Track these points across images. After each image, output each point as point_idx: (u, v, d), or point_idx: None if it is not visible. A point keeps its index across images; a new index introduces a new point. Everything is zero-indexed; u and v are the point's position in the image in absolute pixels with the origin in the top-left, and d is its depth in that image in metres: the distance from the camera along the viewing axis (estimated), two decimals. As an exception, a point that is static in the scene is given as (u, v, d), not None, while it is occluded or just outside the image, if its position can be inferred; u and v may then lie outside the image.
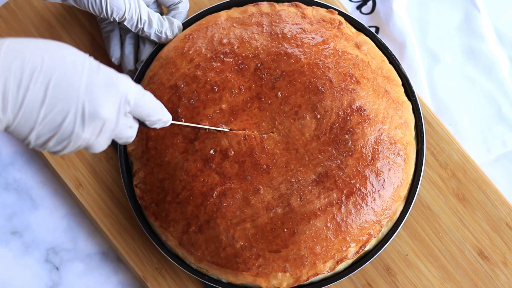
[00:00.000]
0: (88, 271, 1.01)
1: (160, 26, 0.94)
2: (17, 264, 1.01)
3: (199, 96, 0.91)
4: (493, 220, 0.96)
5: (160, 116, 0.77)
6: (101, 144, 0.71)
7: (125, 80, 0.70)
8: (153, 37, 0.94)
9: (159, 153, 0.91)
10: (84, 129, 0.67)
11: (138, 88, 0.72)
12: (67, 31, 1.02)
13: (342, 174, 0.88)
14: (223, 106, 0.90)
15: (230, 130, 0.90)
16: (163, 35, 0.94)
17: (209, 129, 0.90)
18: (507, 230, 0.95)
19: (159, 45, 0.97)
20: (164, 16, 0.95)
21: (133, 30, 0.93)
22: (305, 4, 0.96)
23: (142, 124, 0.77)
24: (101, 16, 0.90)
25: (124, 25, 0.92)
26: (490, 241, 0.95)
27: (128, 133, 0.73)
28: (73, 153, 0.71)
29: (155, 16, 0.93)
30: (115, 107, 0.69)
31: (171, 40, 0.96)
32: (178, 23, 0.95)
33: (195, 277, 0.96)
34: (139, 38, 0.97)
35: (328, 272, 0.89)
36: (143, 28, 0.92)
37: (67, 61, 0.67)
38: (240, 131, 0.90)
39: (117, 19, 0.90)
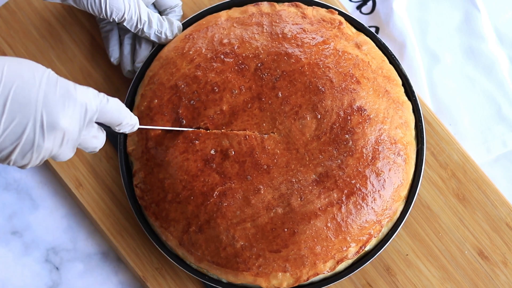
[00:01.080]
0: (88, 271, 1.01)
1: (160, 27, 0.94)
2: (17, 264, 1.01)
3: (199, 97, 0.91)
4: (493, 220, 0.96)
5: (127, 120, 0.79)
6: (66, 154, 0.74)
7: (84, 91, 0.72)
8: (152, 38, 0.94)
9: (159, 153, 0.91)
10: (44, 140, 0.70)
11: (100, 96, 0.74)
12: (67, 31, 1.02)
13: (343, 174, 0.88)
14: (224, 107, 0.90)
15: (197, 128, 0.90)
16: (163, 36, 0.94)
17: (175, 130, 0.91)
18: (507, 230, 0.96)
19: (159, 45, 0.97)
20: (163, 16, 0.95)
21: (132, 30, 0.92)
22: (305, 4, 0.96)
23: (111, 131, 0.80)
24: (101, 17, 0.90)
25: (124, 25, 0.92)
26: (490, 241, 0.95)
27: (93, 143, 0.76)
28: (39, 164, 0.74)
29: (155, 16, 0.93)
30: (75, 117, 0.71)
31: (171, 40, 0.95)
32: (178, 23, 0.95)
33: (195, 277, 0.96)
34: (137, 39, 0.97)
35: (328, 272, 0.89)
36: (142, 28, 0.92)
37: (25, 74, 0.69)
38: (241, 131, 0.90)
39: (116, 20, 0.90)
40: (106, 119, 0.76)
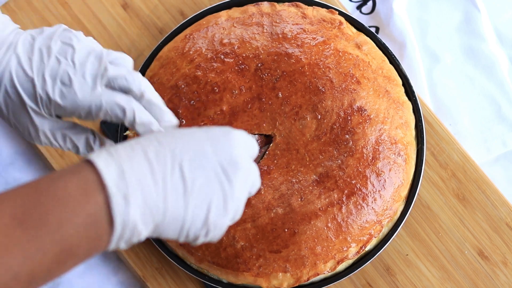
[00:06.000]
0: (88, 271, 1.01)
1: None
2: (17, 264, 1.01)
3: (199, 97, 0.91)
4: (493, 220, 0.96)
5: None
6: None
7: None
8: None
9: (159, 153, 0.91)
10: (234, 185, 0.64)
11: None
12: (67, 31, 1.02)
13: (343, 174, 0.88)
14: (224, 108, 0.90)
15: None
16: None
17: None
18: (507, 230, 0.96)
19: (159, 45, 0.97)
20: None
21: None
22: (305, 4, 0.96)
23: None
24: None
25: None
26: (490, 241, 0.95)
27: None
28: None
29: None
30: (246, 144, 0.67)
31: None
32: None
33: (195, 277, 0.96)
34: None
35: (329, 272, 0.89)
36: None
37: None
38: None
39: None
40: None
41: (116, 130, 0.95)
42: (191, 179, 0.61)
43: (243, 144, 0.65)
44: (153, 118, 0.73)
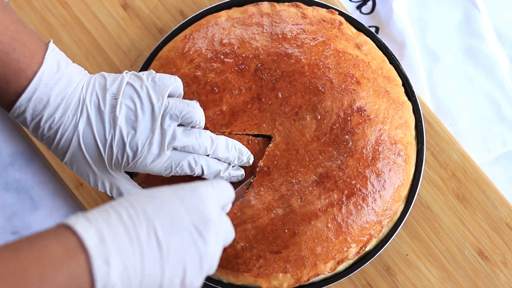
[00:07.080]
0: (88, 271, 1.01)
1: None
2: (17, 264, 1.01)
3: (199, 97, 0.91)
4: (493, 220, 0.96)
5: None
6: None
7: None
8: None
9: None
10: (207, 243, 0.66)
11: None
12: (67, 31, 1.02)
13: (343, 175, 0.88)
14: (224, 108, 0.90)
15: None
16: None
17: None
18: (507, 230, 0.96)
19: (159, 45, 0.97)
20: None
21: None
22: (305, 4, 0.96)
23: None
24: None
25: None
26: (490, 241, 0.95)
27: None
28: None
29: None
30: (212, 197, 0.68)
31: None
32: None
33: (195, 277, 0.96)
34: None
35: (329, 272, 0.89)
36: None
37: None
38: (243, 135, 0.90)
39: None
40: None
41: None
42: (166, 242, 0.62)
43: (213, 198, 0.67)
44: (220, 165, 0.84)
